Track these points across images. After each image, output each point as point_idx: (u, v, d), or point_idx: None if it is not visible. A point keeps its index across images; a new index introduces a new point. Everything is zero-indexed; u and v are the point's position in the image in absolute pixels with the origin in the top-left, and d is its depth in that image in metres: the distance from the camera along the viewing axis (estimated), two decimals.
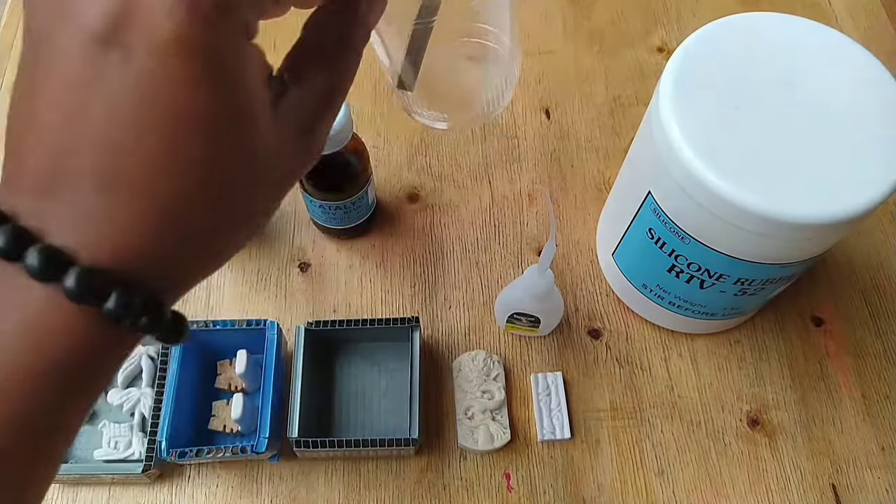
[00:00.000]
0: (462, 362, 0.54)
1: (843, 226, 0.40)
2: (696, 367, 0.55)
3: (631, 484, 0.51)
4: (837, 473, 0.52)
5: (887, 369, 0.55)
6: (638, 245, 0.50)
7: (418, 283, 0.59)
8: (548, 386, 0.54)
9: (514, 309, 0.52)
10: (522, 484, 0.51)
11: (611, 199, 0.58)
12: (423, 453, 0.52)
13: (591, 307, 0.58)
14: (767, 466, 0.52)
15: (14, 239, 0.18)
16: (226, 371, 0.53)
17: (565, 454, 0.52)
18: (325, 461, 0.52)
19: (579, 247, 0.60)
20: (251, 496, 0.51)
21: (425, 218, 0.61)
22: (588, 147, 0.65)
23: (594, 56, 0.70)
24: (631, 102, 0.68)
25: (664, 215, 0.45)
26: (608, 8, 0.73)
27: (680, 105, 0.42)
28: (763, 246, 0.42)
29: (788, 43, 0.44)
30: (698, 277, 0.47)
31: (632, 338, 0.57)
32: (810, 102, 0.42)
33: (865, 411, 0.54)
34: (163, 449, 0.47)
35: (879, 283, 0.59)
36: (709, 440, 0.53)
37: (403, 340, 0.53)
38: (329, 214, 0.56)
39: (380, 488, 0.51)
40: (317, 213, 0.56)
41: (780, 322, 0.57)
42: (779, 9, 0.47)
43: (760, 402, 0.54)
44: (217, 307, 0.57)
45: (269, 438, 0.48)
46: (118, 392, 0.52)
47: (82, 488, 0.51)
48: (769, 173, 0.40)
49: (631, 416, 0.53)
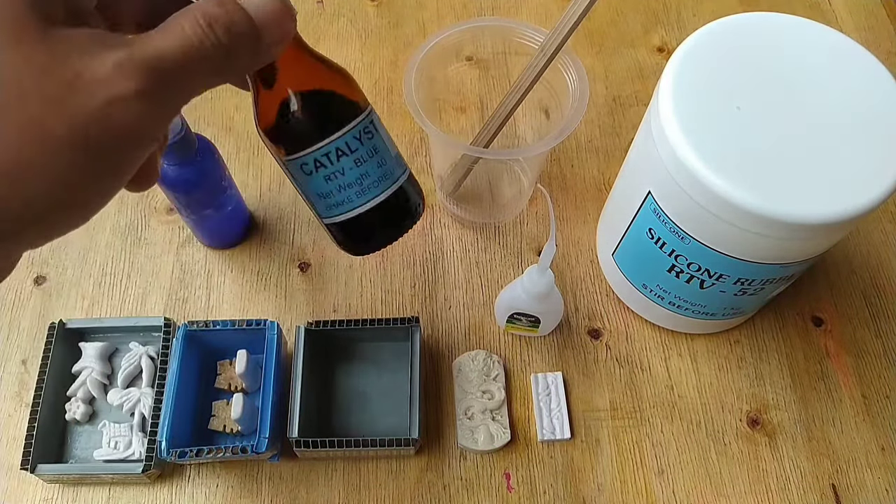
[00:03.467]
0: (462, 362, 0.54)
1: (843, 226, 0.40)
2: (696, 367, 0.55)
3: (631, 484, 0.51)
4: (837, 473, 0.52)
5: (887, 369, 0.55)
6: (638, 245, 0.50)
7: (418, 283, 0.59)
8: (548, 386, 0.54)
9: (514, 309, 0.52)
10: (522, 484, 0.51)
11: (611, 198, 0.58)
12: (423, 453, 0.52)
13: (591, 307, 0.58)
14: (767, 466, 0.52)
15: None
16: (226, 371, 0.53)
17: (565, 454, 0.52)
18: (325, 461, 0.52)
19: (579, 247, 0.60)
20: (251, 496, 0.51)
21: (425, 218, 0.61)
22: (588, 147, 0.65)
23: (594, 56, 0.70)
24: (631, 102, 0.68)
25: (664, 215, 0.45)
26: (608, 8, 0.73)
27: (680, 105, 0.42)
28: (763, 246, 0.42)
29: (788, 43, 0.44)
30: (698, 277, 0.47)
31: (632, 338, 0.57)
32: (810, 102, 0.42)
33: (865, 411, 0.54)
34: (163, 449, 0.47)
35: (879, 283, 0.59)
36: (709, 440, 0.53)
37: (403, 340, 0.53)
38: (342, 182, 0.33)
39: (380, 488, 0.51)
40: (323, 190, 0.33)
41: (780, 322, 0.57)
42: (779, 9, 0.47)
43: (760, 402, 0.54)
44: (217, 307, 0.57)
45: (269, 438, 0.48)
46: (118, 392, 0.52)
47: (82, 488, 0.51)
48: (769, 173, 0.40)
49: (631, 416, 0.53)
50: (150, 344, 0.54)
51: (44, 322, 0.57)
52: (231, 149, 0.65)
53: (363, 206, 0.33)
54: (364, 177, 0.33)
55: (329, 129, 0.32)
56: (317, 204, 0.34)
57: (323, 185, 0.32)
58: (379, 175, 0.33)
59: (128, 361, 0.53)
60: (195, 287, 0.58)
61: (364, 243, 0.35)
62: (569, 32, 0.48)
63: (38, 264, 0.60)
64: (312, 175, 0.32)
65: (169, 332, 0.52)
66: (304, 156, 0.32)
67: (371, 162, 0.33)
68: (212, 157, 0.51)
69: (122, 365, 0.53)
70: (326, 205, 0.33)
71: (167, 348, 0.52)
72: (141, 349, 0.53)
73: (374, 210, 0.33)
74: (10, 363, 0.55)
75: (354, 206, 0.33)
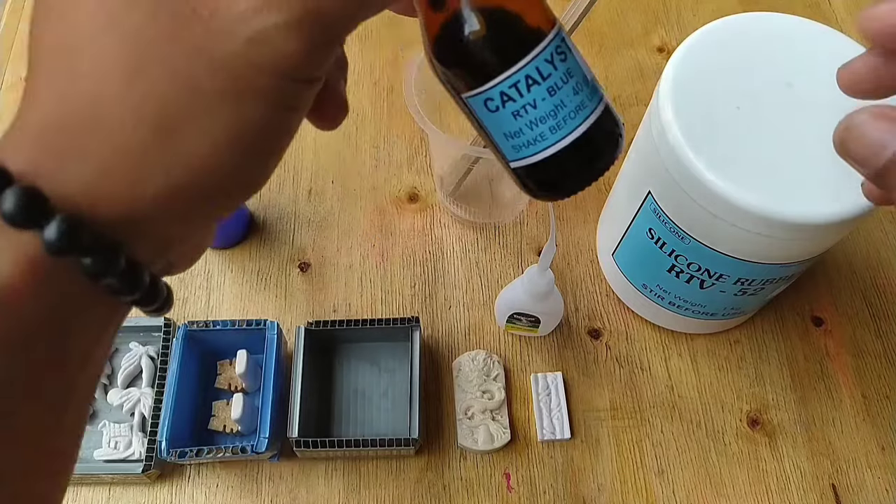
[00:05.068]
0: (462, 362, 0.54)
1: (843, 226, 0.40)
2: (696, 367, 0.55)
3: (631, 484, 0.51)
4: (837, 473, 0.52)
5: (887, 369, 0.55)
6: (638, 245, 0.50)
7: (418, 283, 0.59)
8: (548, 386, 0.54)
9: (514, 309, 0.52)
10: (522, 484, 0.51)
11: (611, 198, 0.58)
12: (423, 453, 0.52)
13: (591, 307, 0.58)
14: (767, 466, 0.52)
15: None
16: (226, 371, 0.53)
17: (565, 454, 0.52)
18: (325, 461, 0.52)
19: (579, 247, 0.60)
20: (251, 496, 0.51)
21: (425, 218, 0.61)
22: None
23: (594, 56, 0.70)
24: (631, 102, 0.68)
25: (664, 215, 0.45)
26: (608, 8, 0.73)
27: (680, 105, 0.42)
28: (763, 246, 0.42)
29: (788, 43, 0.44)
30: (698, 277, 0.47)
31: (632, 338, 0.57)
32: (810, 102, 0.42)
33: (865, 411, 0.54)
34: (163, 449, 0.47)
35: (879, 283, 0.59)
36: (709, 440, 0.53)
37: (403, 340, 0.53)
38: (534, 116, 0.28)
39: (380, 488, 0.51)
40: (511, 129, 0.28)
41: (780, 322, 0.57)
42: (779, 9, 0.47)
43: (760, 402, 0.54)
44: (217, 307, 0.57)
45: (269, 438, 0.48)
46: (118, 392, 0.52)
47: (82, 488, 0.51)
48: (769, 173, 0.40)
49: (631, 416, 0.53)
50: (150, 344, 0.54)
51: None
52: None
53: (559, 143, 0.27)
54: (559, 108, 0.27)
55: (517, 53, 0.26)
56: (502, 145, 0.29)
57: (511, 123, 0.27)
58: (576, 104, 0.27)
59: (128, 361, 0.53)
60: (195, 287, 0.58)
61: (562, 186, 0.29)
62: (569, 32, 0.48)
63: None
64: (498, 111, 0.27)
65: (169, 332, 0.52)
66: (488, 90, 0.26)
67: (566, 89, 0.27)
68: None
69: (122, 365, 0.53)
70: (514, 145, 0.28)
71: (167, 348, 0.52)
72: (141, 349, 0.53)
73: (571, 146, 0.27)
74: None
75: (549, 144, 0.27)
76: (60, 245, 0.18)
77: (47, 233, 0.18)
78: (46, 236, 0.18)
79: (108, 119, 0.18)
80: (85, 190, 0.18)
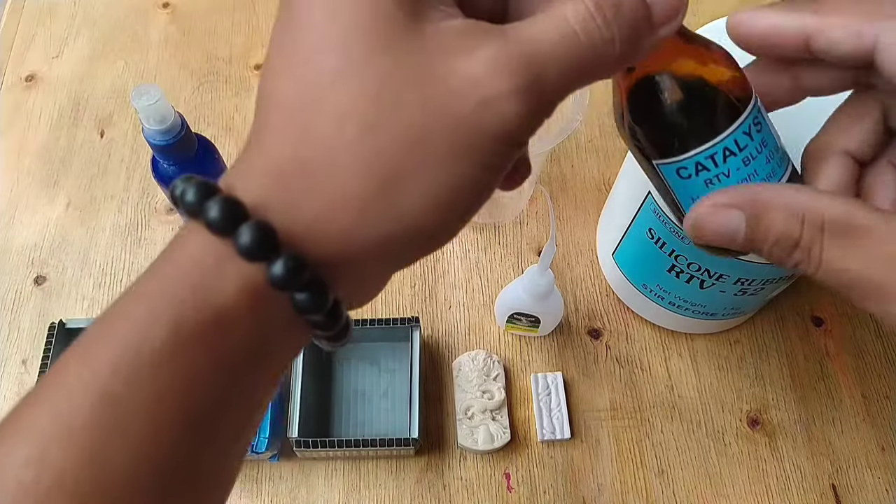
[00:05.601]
0: (462, 362, 0.54)
1: None
2: (696, 367, 0.55)
3: (631, 484, 0.51)
4: (837, 473, 0.52)
5: (887, 369, 0.55)
6: (638, 245, 0.50)
7: (418, 283, 0.59)
8: (548, 386, 0.54)
9: (514, 309, 0.52)
10: (522, 484, 0.51)
11: (611, 198, 0.58)
12: (423, 453, 0.52)
13: (591, 307, 0.58)
14: (767, 466, 0.52)
15: (229, 213, 0.19)
16: None
17: (565, 454, 0.52)
18: (325, 461, 0.52)
19: (579, 247, 0.60)
20: (251, 496, 0.51)
21: None
22: (588, 147, 0.65)
23: None
24: None
25: (664, 215, 0.45)
26: None
27: None
28: None
29: None
30: (698, 277, 0.47)
31: (632, 338, 0.57)
32: (810, 101, 0.42)
33: (865, 411, 0.54)
34: None
35: None
36: (709, 440, 0.53)
37: (403, 340, 0.53)
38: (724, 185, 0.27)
39: (380, 488, 0.51)
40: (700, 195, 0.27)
41: (780, 322, 0.57)
42: None
43: (760, 402, 0.54)
44: None
45: (269, 438, 0.48)
46: None
47: None
48: None
49: (631, 416, 0.53)
50: None
51: (44, 322, 0.57)
52: (231, 149, 0.65)
53: None
54: (751, 177, 0.26)
55: (718, 126, 0.25)
56: (687, 207, 0.28)
57: (701, 189, 0.26)
58: (767, 173, 0.27)
59: None
60: None
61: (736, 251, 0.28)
62: None
63: (38, 264, 0.60)
64: (690, 179, 0.26)
65: None
66: (684, 160, 0.26)
67: (760, 158, 0.26)
68: (212, 158, 0.51)
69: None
70: None
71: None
72: None
73: None
74: (10, 363, 0.55)
75: None
76: (285, 281, 0.19)
77: (275, 268, 0.19)
78: (273, 271, 0.19)
79: (339, 166, 0.19)
80: (307, 229, 0.20)
